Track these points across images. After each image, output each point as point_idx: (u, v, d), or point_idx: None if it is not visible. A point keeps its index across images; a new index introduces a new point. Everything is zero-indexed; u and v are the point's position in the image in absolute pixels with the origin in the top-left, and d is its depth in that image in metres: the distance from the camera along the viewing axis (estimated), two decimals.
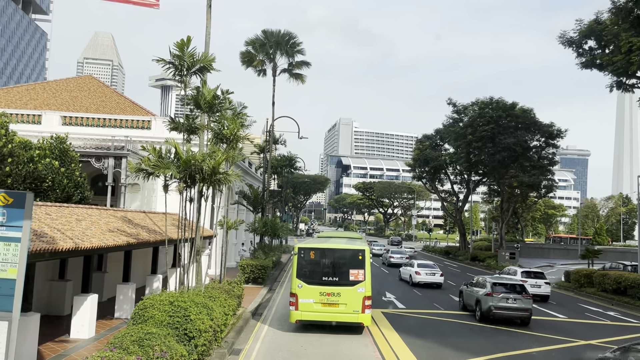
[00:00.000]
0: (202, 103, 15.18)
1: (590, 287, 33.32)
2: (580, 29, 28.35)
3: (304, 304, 17.58)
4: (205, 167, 13.94)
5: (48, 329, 15.53)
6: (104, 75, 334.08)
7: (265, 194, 37.63)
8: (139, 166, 13.96)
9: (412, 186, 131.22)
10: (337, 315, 17.63)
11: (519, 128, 50.71)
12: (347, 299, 17.58)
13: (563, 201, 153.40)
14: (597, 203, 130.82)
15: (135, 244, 15.87)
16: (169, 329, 11.27)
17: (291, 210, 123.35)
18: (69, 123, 29.86)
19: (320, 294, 17.65)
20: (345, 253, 18.43)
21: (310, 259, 18.24)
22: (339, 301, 17.61)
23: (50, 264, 17.93)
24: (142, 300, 12.47)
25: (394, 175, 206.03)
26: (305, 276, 17.93)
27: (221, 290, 17.35)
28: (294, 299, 17.73)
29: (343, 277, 17.91)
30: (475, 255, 56.65)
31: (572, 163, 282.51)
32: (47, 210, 14.00)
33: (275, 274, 34.54)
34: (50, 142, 20.56)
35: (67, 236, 12.31)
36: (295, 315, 17.66)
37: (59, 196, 19.84)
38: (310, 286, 17.71)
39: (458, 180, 67.17)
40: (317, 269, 18.19)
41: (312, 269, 18.16)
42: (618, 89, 28.18)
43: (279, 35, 40.62)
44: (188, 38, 14.21)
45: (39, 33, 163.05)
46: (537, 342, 17.99)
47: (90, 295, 14.90)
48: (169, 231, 19.92)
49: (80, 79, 38.23)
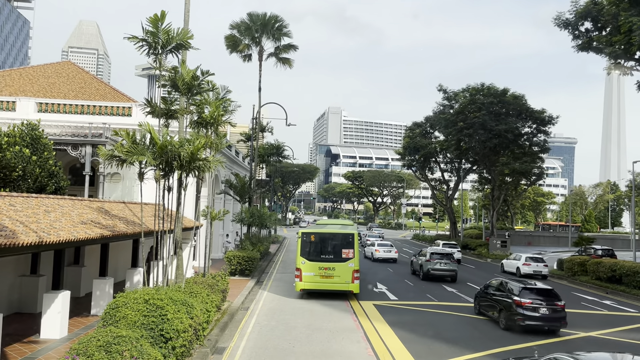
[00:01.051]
0: (180, 84, 14.07)
1: (584, 276, 32.78)
2: (577, 10, 27.44)
3: (306, 277, 22.38)
4: (183, 153, 12.86)
5: (17, 328, 14.50)
6: (90, 64, 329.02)
7: (252, 182, 36.54)
8: (111, 153, 12.84)
9: (401, 175, 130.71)
10: (332, 285, 22.41)
11: (510, 115, 49.98)
12: (340, 272, 22.35)
13: (551, 189, 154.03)
14: (585, 190, 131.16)
15: (110, 237, 14.80)
16: (143, 331, 10.28)
17: (280, 199, 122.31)
18: (45, 110, 28.50)
19: (319, 268, 22.40)
20: (338, 236, 23.13)
21: (311, 241, 22.89)
22: (334, 274, 22.40)
23: (22, 259, 16.83)
24: (114, 298, 11.45)
25: (383, 164, 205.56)
26: (307, 254, 22.64)
27: (204, 285, 16.39)
28: (298, 273, 22.48)
29: (337, 255, 22.66)
30: (467, 244, 56.10)
31: (559, 151, 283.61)
32: (11, 201, 12.88)
33: (264, 265, 33.60)
34: (21, 129, 19.29)
35: (30, 229, 11.23)
36: (300, 285, 22.46)
37: (31, 186, 18.67)
38: (311, 262, 22.45)
39: (448, 168, 66.49)
40: (317, 249, 22.85)
41: (312, 249, 22.79)
42: (616, 72, 27.40)
43: (265, 18, 39.27)
44: (162, 13, 13.05)
45: (21, 21, 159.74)
46: (536, 335, 17.23)
47: (62, 292, 13.82)
48: (150, 222, 18.85)
49: (59, 64, 36.67)
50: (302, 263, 22.34)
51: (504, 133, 47.88)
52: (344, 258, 22.47)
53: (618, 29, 23.79)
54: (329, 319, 18.30)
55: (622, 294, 27.78)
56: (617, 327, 19.16)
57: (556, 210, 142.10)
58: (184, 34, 13.85)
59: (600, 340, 17.12)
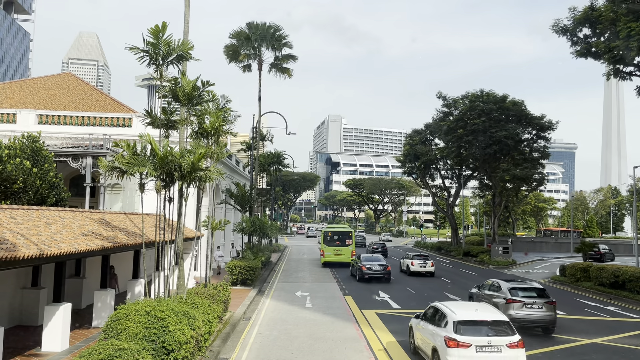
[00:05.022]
0: (181, 95, 14.08)
1: (587, 282, 32.61)
2: (575, 16, 27.50)
3: (326, 255, 41.22)
4: (184, 163, 12.85)
5: (18, 341, 14.45)
6: (90, 75, 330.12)
7: (253, 192, 36.50)
8: (111, 164, 12.83)
9: (402, 182, 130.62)
10: (340, 259, 40.44)
11: (510, 121, 49.92)
12: (345, 252, 40.82)
13: (552, 194, 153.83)
14: (587, 196, 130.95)
15: (111, 248, 14.77)
16: (145, 343, 10.23)
17: (281, 208, 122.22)
18: (46, 122, 28.56)
19: (333, 249, 41.13)
20: (343, 232, 42.68)
21: (328, 235, 42.14)
22: (341, 253, 40.88)
23: (23, 271, 16.80)
24: (116, 310, 11.40)
25: (383, 172, 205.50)
26: (326, 242, 41.73)
27: (205, 296, 16.34)
28: (322, 253, 41.95)
29: (342, 242, 41.52)
30: (468, 251, 55.93)
31: (559, 156, 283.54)
32: (12, 214, 12.87)
33: (265, 274, 33.50)
34: (22, 141, 19.31)
35: (31, 242, 11.21)
36: (322, 259, 41.44)
37: (32, 198, 18.67)
38: (328, 247, 41.48)
39: (449, 175, 66.38)
40: (332, 238, 41.72)
41: (330, 238, 41.83)
42: (615, 77, 27.40)
43: (265, 28, 39.40)
44: (163, 24, 13.10)
45: (22, 33, 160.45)
46: (539, 342, 17.13)
47: (63, 304, 13.76)
48: (152, 233, 18.82)
49: (59, 76, 36.80)
50: (324, 246, 41.60)
51: (504, 139, 47.81)
52: (346, 244, 41.36)
53: (617, 34, 23.83)
54: (331, 329, 18.21)
55: (625, 299, 27.62)
56: (621, 334, 19.03)
57: (558, 216, 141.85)
58: (184, 45, 13.88)
59: (605, 346, 17.00)
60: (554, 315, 18.40)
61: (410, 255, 38.92)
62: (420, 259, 37.67)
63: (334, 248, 40.85)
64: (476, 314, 12.99)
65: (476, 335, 12.12)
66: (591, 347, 16.87)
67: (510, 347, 12.08)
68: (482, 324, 12.48)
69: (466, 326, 12.33)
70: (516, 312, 18.18)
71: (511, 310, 18.16)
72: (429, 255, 42.00)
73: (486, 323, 12.53)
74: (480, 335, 12.15)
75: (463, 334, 12.12)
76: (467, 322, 12.45)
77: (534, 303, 18.33)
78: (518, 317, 17.93)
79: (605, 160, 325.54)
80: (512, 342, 12.13)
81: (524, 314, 18.17)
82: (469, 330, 12.26)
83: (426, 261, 37.45)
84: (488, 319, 12.70)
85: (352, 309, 22.38)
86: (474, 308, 13.87)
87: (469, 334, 12.13)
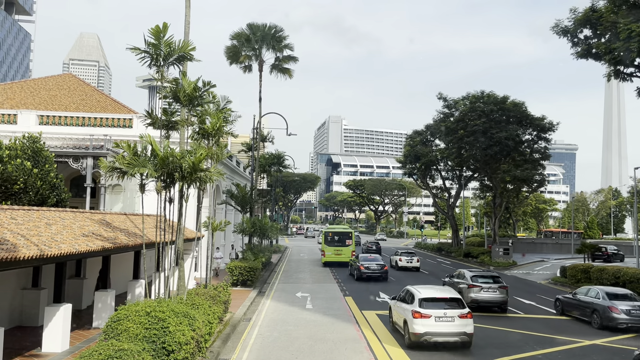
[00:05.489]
0: (182, 96, 14.09)
1: (587, 283, 32.56)
2: (576, 17, 27.50)
3: (327, 255, 42.13)
4: (184, 164, 12.86)
5: (18, 342, 14.45)
6: (91, 76, 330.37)
7: (253, 192, 36.50)
8: (112, 165, 12.84)
9: (402, 183, 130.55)
10: (340, 258, 41.24)
11: (510, 122, 49.91)
12: (345, 252, 41.65)
13: (553, 195, 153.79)
14: (587, 197, 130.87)
15: (111, 249, 14.76)
16: (145, 343, 10.23)
17: (281, 209, 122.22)
18: (46, 122, 28.59)
19: (334, 250, 42.08)
20: (343, 232, 43.95)
21: (329, 235, 43.12)
22: (341, 253, 41.71)
23: (23, 272, 16.80)
24: (116, 311, 11.41)
25: (384, 173, 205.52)
26: (327, 242, 42.68)
27: (206, 296, 16.34)
28: (322, 253, 42.98)
29: (342, 242, 42.50)
30: (469, 252, 55.89)
31: (560, 157, 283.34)
32: (12, 214, 12.87)
33: (265, 275, 33.51)
34: (22, 142, 19.33)
35: (32, 242, 11.22)
36: (323, 259, 42.44)
37: (33, 199, 18.67)
38: (328, 247, 42.38)
39: (449, 176, 66.35)
40: (332, 239, 42.75)
41: (330, 238, 42.77)
42: (616, 78, 27.38)
43: (265, 29, 39.40)
44: (164, 25, 13.10)
45: (23, 34, 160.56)
46: (540, 343, 17.12)
47: (64, 305, 13.76)
48: (152, 234, 18.83)
49: (60, 77, 36.83)
50: (325, 246, 42.63)
51: (505, 140, 47.80)
52: (346, 244, 42.29)
53: (617, 35, 23.83)
54: (331, 330, 18.21)
55: None
56: (621, 335, 19.01)
57: (558, 217, 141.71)
58: (185, 45, 13.89)
59: (604, 348, 16.99)
60: (506, 297, 22.92)
61: (399, 252, 44.33)
62: (407, 255, 43.08)
63: (334, 248, 42.03)
64: (436, 293, 16.61)
65: (435, 309, 15.62)
66: (591, 348, 16.87)
67: (461, 317, 15.59)
68: (440, 301, 15.97)
69: (428, 302, 15.84)
70: (475, 294, 22.67)
71: (472, 293, 22.70)
72: (415, 253, 47.88)
73: (443, 300, 16.04)
74: (438, 309, 15.64)
75: (425, 308, 15.63)
76: (429, 299, 15.98)
77: (490, 287, 22.87)
78: (477, 299, 22.51)
79: (606, 162, 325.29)
80: (462, 314, 15.66)
81: (482, 296, 22.67)
82: (430, 305, 15.75)
83: (412, 257, 42.52)
84: (445, 296, 16.21)
85: (353, 310, 22.38)
86: (436, 289, 17.50)
87: (429, 308, 15.64)
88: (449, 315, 15.55)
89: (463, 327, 15.51)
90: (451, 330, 15.49)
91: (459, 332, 15.52)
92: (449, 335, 15.49)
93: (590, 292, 21.54)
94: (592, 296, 21.13)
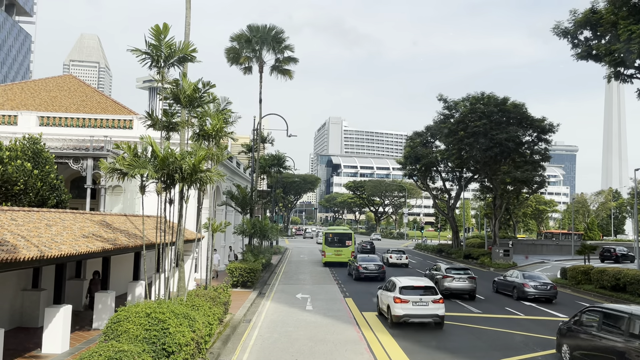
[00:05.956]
0: (182, 97, 14.09)
1: (588, 284, 32.57)
2: (576, 18, 27.47)
3: (327, 255, 43.47)
4: (185, 165, 12.85)
5: (19, 343, 14.45)
6: (91, 77, 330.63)
7: (253, 194, 36.50)
8: (112, 166, 12.84)
9: (402, 184, 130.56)
10: (340, 259, 42.35)
11: (510, 123, 49.86)
12: (345, 252, 42.81)
13: (553, 197, 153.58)
14: (588, 198, 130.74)
15: (111, 250, 14.77)
16: (145, 345, 10.23)
17: (282, 210, 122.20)
18: (47, 123, 28.59)
19: (334, 250, 43.33)
20: (344, 233, 45.03)
21: (329, 236, 44.35)
22: (341, 253, 42.82)
23: (23, 273, 16.81)
24: (117, 312, 11.40)
25: (384, 174, 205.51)
26: (327, 243, 44.00)
27: (206, 298, 16.33)
28: (323, 253, 44.41)
29: (342, 243, 43.67)
30: (469, 253, 55.87)
31: (560, 159, 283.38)
32: (12, 216, 12.87)
33: (266, 276, 33.50)
34: (23, 143, 19.33)
35: (32, 244, 11.22)
36: (323, 259, 43.84)
37: (33, 200, 18.67)
38: (329, 247, 43.69)
39: (450, 177, 66.34)
40: (333, 239, 43.98)
41: (330, 239, 43.99)
42: (616, 80, 27.37)
43: (265, 30, 39.42)
44: (165, 25, 13.11)
45: (23, 35, 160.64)
46: (541, 345, 17.10)
47: (64, 306, 13.76)
48: (152, 235, 18.82)
49: (60, 78, 36.84)
50: (326, 247, 44.08)
51: (505, 142, 47.77)
52: (346, 245, 43.58)
53: (617, 37, 23.83)
54: (332, 331, 18.20)
55: (626, 302, 27.55)
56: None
57: (558, 219, 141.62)
58: (186, 47, 13.90)
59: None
60: (474, 286, 27.19)
61: (390, 251, 49.54)
62: (397, 253, 48.13)
63: (334, 249, 43.64)
64: (413, 282, 19.86)
65: (412, 295, 18.82)
66: None
67: (434, 302, 18.79)
68: (417, 288, 19.21)
69: (406, 290, 19.02)
70: (449, 283, 26.97)
71: (445, 282, 27.01)
72: (404, 251, 52.84)
73: (419, 288, 19.31)
74: (415, 295, 18.85)
75: (404, 295, 18.82)
76: (407, 287, 19.19)
77: (460, 277, 27.22)
78: (449, 287, 26.80)
79: (606, 163, 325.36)
80: (435, 299, 18.87)
81: (454, 285, 26.96)
82: (408, 292, 18.94)
83: (401, 255, 47.62)
84: (420, 285, 19.57)
85: (353, 311, 22.36)
86: (414, 279, 20.73)
87: (408, 294, 18.83)
88: (424, 301, 18.69)
89: (436, 310, 18.73)
90: (426, 313, 18.72)
91: (432, 314, 18.77)
92: (423, 317, 18.76)
93: (513, 274, 29.21)
94: (514, 277, 28.71)
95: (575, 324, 14.40)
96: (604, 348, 12.59)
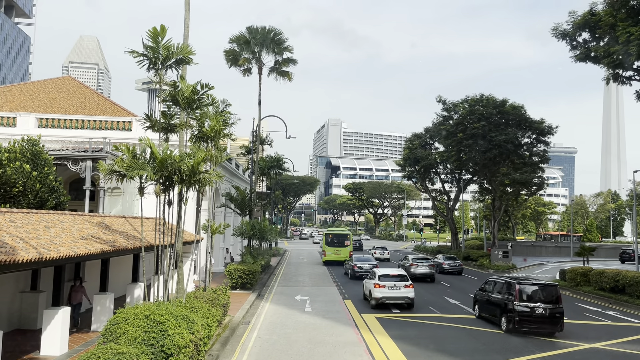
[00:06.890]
0: (180, 99, 14.09)
1: (587, 286, 32.57)
2: (574, 20, 27.53)
3: (327, 254, 47.21)
4: (183, 167, 12.85)
5: (17, 345, 14.42)
6: (90, 79, 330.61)
7: (252, 195, 36.48)
8: (111, 168, 12.83)
9: (402, 186, 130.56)
10: (339, 258, 45.62)
11: (509, 125, 49.89)
12: (343, 252, 46.28)
13: (552, 198, 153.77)
14: (586, 200, 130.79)
15: (110, 252, 14.74)
16: (144, 347, 10.21)
17: (281, 212, 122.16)
18: (46, 125, 28.56)
19: (333, 250, 47.03)
20: (342, 234, 49.02)
21: (329, 237, 48.25)
22: (340, 253, 46.45)
23: (22, 275, 16.78)
24: (115, 314, 11.38)
25: (383, 176, 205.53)
26: (327, 243, 47.76)
27: (205, 299, 16.32)
28: (323, 252, 48.26)
29: (341, 243, 47.38)
30: (468, 255, 55.87)
31: (559, 160, 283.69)
32: (11, 217, 12.85)
33: (265, 278, 33.46)
34: (22, 145, 19.30)
35: (31, 245, 11.19)
36: (324, 258, 47.64)
37: (32, 202, 18.64)
38: (329, 247, 47.46)
39: (449, 179, 66.39)
40: (332, 240, 47.75)
41: (330, 240, 47.81)
42: (615, 82, 27.42)
43: (265, 32, 39.43)
44: (162, 27, 13.11)
45: (22, 37, 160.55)
46: (538, 346, 17.11)
47: (62, 308, 13.75)
48: (151, 237, 18.79)
49: (59, 79, 36.82)
50: (326, 247, 47.59)
51: (504, 143, 47.80)
52: (345, 245, 47.23)
53: (616, 39, 23.86)
54: (331, 333, 18.18)
55: (625, 304, 27.59)
56: (621, 338, 19.02)
57: (557, 220, 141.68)
58: (184, 48, 13.89)
59: (605, 351, 16.97)
60: (432, 271, 36.30)
61: (374, 248, 59.05)
62: (380, 249, 57.12)
63: (334, 249, 47.35)
64: (389, 271, 24.84)
65: (388, 282, 23.64)
66: (591, 352, 16.85)
67: (405, 287, 23.62)
68: (392, 276, 24.06)
69: (384, 277, 23.94)
70: (413, 270, 35.31)
71: (412, 269, 35.40)
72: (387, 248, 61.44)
73: (394, 275, 24.19)
74: (390, 282, 23.67)
75: (382, 281, 23.69)
76: (384, 275, 24.13)
77: (422, 265, 36.25)
78: (415, 272, 34.89)
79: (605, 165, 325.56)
80: (406, 285, 23.74)
81: (417, 271, 35.56)
82: (385, 279, 23.82)
83: (384, 251, 56.41)
84: (395, 273, 24.48)
85: (352, 313, 22.35)
86: (390, 270, 25.71)
87: (385, 281, 23.68)
88: (397, 286, 23.51)
89: (407, 293, 23.52)
90: (399, 295, 23.42)
91: (404, 296, 23.47)
92: (397, 298, 23.44)
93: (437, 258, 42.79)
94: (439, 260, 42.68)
95: (480, 290, 22.37)
96: (494, 301, 20.69)
